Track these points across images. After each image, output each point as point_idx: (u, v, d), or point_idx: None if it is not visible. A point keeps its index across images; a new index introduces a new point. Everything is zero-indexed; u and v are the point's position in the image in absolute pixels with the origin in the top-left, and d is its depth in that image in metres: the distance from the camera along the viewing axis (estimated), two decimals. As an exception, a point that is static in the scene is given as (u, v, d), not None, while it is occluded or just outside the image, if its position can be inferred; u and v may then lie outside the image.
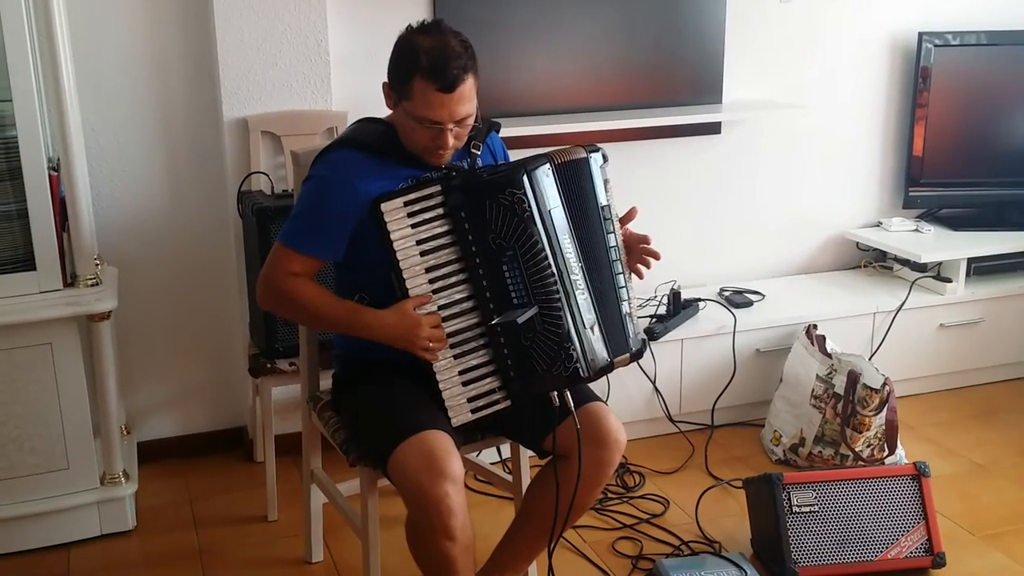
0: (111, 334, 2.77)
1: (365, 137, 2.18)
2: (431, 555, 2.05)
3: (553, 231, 2.08)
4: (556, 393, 2.09)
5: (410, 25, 2.11)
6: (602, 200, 2.17)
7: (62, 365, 2.67)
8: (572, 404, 2.11)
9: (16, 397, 2.66)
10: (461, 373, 2.10)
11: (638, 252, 2.28)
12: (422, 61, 2.02)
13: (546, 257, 2.06)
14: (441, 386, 2.09)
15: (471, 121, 2.11)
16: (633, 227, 2.31)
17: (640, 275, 2.29)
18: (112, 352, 2.77)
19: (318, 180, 2.15)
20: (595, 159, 2.17)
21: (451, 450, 2.00)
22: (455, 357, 2.09)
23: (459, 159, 2.20)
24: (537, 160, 2.09)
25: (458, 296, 2.09)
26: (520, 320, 2.05)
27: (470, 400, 2.10)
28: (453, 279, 2.08)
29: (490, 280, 2.06)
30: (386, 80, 2.13)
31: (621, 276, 2.20)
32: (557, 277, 2.07)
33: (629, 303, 2.21)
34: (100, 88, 3.01)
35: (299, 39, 3.06)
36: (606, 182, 2.19)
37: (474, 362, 2.10)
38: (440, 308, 2.08)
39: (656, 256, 2.28)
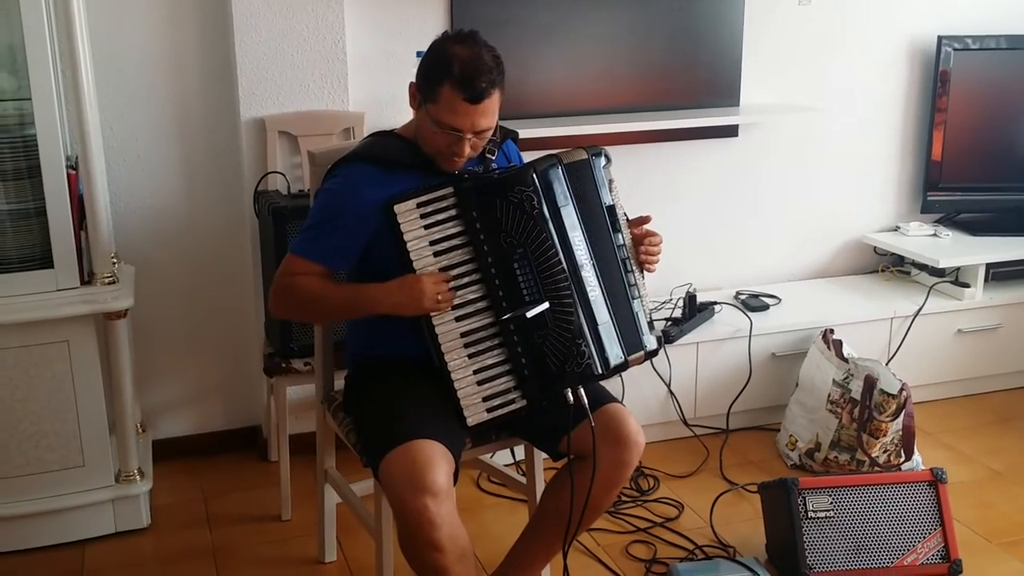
0: (127, 332, 2.78)
1: (376, 151, 2.20)
2: (423, 566, 2.04)
3: (563, 229, 2.11)
4: (571, 392, 2.09)
5: (447, 32, 2.15)
6: (607, 200, 2.20)
7: (79, 363, 2.68)
8: (587, 403, 2.10)
9: (33, 394, 2.67)
10: (476, 372, 2.10)
11: (643, 246, 2.28)
12: (454, 69, 2.04)
13: (556, 254, 2.08)
14: (456, 385, 2.09)
15: (489, 134, 2.14)
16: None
17: (648, 268, 2.28)
18: (128, 350, 2.78)
19: (328, 193, 2.18)
20: (598, 160, 2.20)
21: (436, 461, 1.98)
22: (469, 356, 2.10)
23: (474, 165, 2.21)
24: (546, 160, 2.13)
25: (471, 296, 2.10)
26: (529, 315, 2.05)
27: (485, 399, 2.11)
28: (466, 279, 2.09)
29: (502, 279, 2.08)
30: (414, 81, 2.15)
31: (632, 275, 2.22)
32: (568, 274, 2.09)
33: (642, 302, 2.22)
34: (119, 87, 3.03)
35: (317, 40, 3.07)
36: (610, 182, 2.22)
37: (489, 361, 2.10)
38: (453, 308, 2.09)
39: (653, 235, 2.27)
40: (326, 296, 2.16)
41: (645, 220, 2.30)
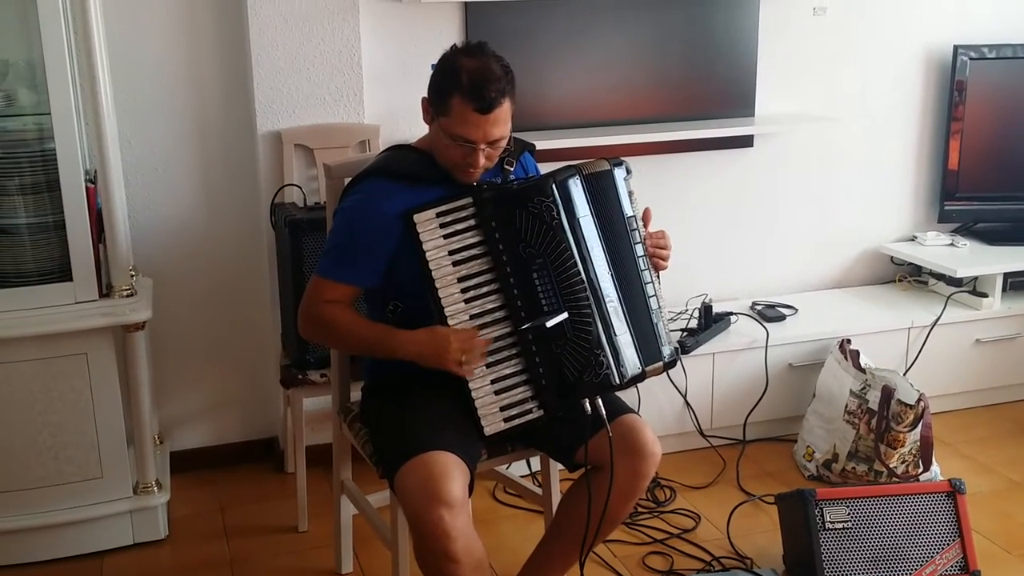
0: (145, 344, 2.79)
1: (393, 165, 2.21)
2: None
3: (582, 239, 2.11)
4: (588, 402, 2.09)
5: (455, 45, 2.15)
6: (627, 211, 2.21)
7: (97, 375, 2.70)
8: (604, 413, 2.10)
9: (52, 406, 2.68)
10: (494, 382, 2.11)
11: (649, 242, 2.27)
12: (463, 81, 2.05)
13: (575, 264, 2.09)
14: (474, 395, 2.10)
15: (503, 144, 2.15)
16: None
17: (661, 265, 2.27)
18: (146, 362, 2.80)
19: (348, 211, 2.19)
20: (619, 171, 2.21)
21: (451, 473, 1.99)
22: (487, 366, 2.11)
23: (492, 176, 2.22)
24: (565, 171, 2.14)
25: (490, 305, 2.11)
26: (549, 324, 2.06)
27: (503, 409, 2.12)
28: (485, 288, 2.10)
29: (521, 289, 2.08)
30: (426, 96, 2.16)
31: (650, 286, 2.22)
32: (587, 284, 2.09)
33: (660, 313, 2.22)
34: (136, 101, 3.05)
35: (333, 53, 3.08)
36: (631, 194, 2.23)
37: (506, 371, 2.11)
38: (472, 317, 2.10)
39: (661, 237, 2.27)
40: (356, 331, 2.17)
41: (646, 216, 2.28)
